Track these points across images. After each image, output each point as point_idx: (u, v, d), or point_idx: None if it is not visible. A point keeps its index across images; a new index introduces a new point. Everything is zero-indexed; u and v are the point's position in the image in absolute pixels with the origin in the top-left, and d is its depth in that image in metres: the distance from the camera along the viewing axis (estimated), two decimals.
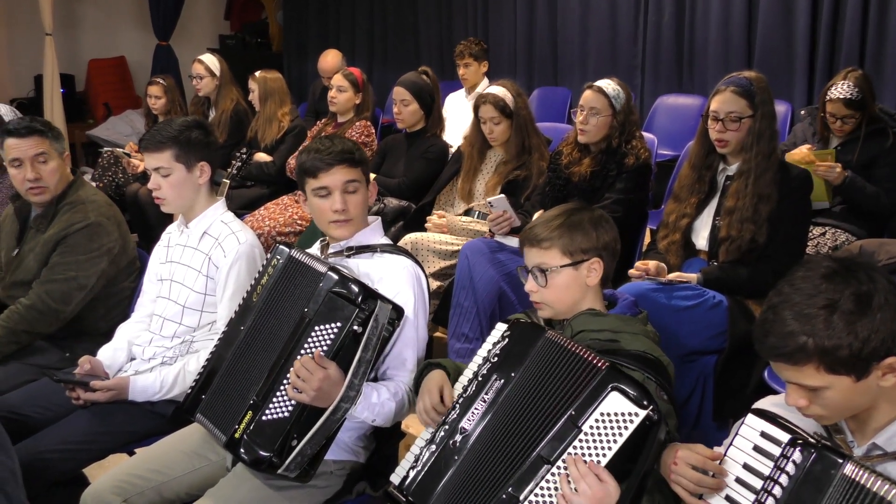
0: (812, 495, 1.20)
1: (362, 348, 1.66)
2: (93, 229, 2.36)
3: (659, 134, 4.27)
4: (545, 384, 1.51)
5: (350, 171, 1.86)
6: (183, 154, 2.13)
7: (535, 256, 1.75)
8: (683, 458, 1.34)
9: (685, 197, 2.46)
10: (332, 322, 1.68)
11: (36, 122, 2.42)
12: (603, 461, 1.38)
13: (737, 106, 2.33)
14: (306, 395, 1.63)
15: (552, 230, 1.73)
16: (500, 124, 3.15)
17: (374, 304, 1.67)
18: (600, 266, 1.75)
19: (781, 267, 2.28)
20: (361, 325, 1.66)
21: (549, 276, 1.72)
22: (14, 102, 6.51)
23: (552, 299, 1.74)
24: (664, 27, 4.86)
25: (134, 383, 2.07)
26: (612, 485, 1.35)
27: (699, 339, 2.21)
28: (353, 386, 1.65)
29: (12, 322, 2.30)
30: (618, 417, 1.39)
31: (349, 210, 1.86)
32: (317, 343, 1.68)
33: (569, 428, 1.43)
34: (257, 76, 4.43)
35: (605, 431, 1.39)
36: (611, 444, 1.38)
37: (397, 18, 6.70)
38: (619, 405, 1.40)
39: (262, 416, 1.70)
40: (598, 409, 1.41)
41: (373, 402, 1.73)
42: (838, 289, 1.21)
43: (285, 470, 1.66)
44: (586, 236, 1.74)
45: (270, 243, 3.70)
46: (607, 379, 1.43)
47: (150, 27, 7.48)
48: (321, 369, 1.63)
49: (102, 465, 2.11)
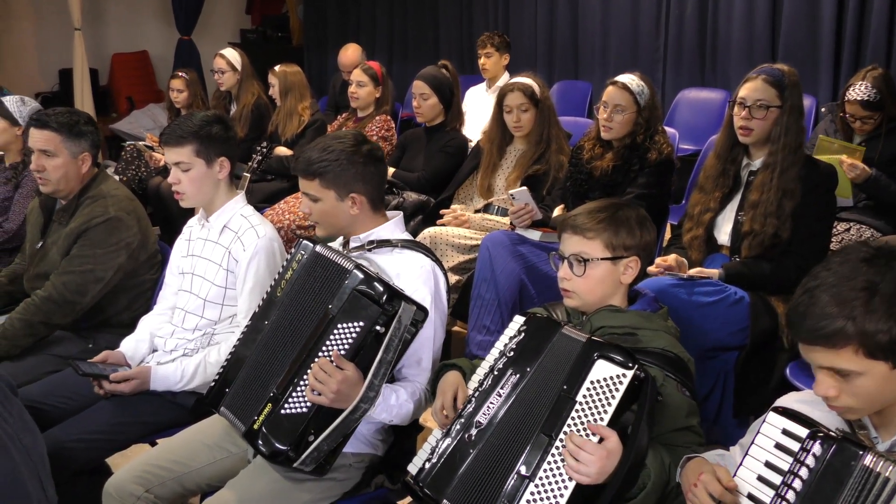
0: (833, 487, 1.19)
1: (383, 349, 1.65)
2: (112, 224, 2.38)
3: (680, 128, 4.23)
4: (557, 378, 1.52)
5: (304, 183, 1.89)
6: (203, 149, 2.14)
7: (575, 244, 1.74)
8: (704, 484, 1.33)
9: (710, 189, 2.43)
10: (355, 321, 1.67)
11: (59, 117, 2.42)
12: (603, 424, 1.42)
13: (766, 95, 2.30)
14: (325, 397, 1.63)
15: (598, 221, 1.73)
16: (527, 111, 3.13)
17: (398, 304, 1.64)
18: (637, 265, 1.75)
19: (805, 263, 2.26)
20: (384, 326, 1.64)
21: (588, 267, 1.72)
22: (39, 97, 6.61)
23: (584, 289, 1.74)
24: (686, 20, 4.81)
25: (155, 372, 2.09)
26: (615, 441, 1.39)
27: (720, 335, 2.19)
28: (373, 387, 1.65)
29: (29, 314, 2.33)
30: (607, 382, 1.45)
31: (313, 216, 1.92)
32: (338, 341, 1.67)
33: (564, 401, 1.48)
34: (277, 70, 4.45)
35: (598, 397, 1.45)
36: (606, 408, 1.43)
37: (417, 12, 6.70)
38: (606, 370, 1.46)
39: (281, 410, 1.71)
40: (588, 377, 1.47)
41: (391, 405, 1.74)
42: (879, 272, 1.19)
43: (301, 464, 1.67)
44: (631, 234, 1.73)
45: (290, 237, 3.72)
46: (590, 349, 1.49)
47: (173, 22, 7.55)
48: (339, 371, 1.62)
49: (125, 455, 2.14)
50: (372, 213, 1.93)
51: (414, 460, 1.65)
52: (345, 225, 1.92)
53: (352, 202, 1.88)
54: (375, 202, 1.93)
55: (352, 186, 1.87)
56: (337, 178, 1.86)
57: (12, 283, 2.66)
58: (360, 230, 1.93)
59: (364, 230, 1.92)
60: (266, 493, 1.75)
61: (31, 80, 6.99)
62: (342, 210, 1.89)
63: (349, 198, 1.88)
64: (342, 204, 1.88)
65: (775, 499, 1.24)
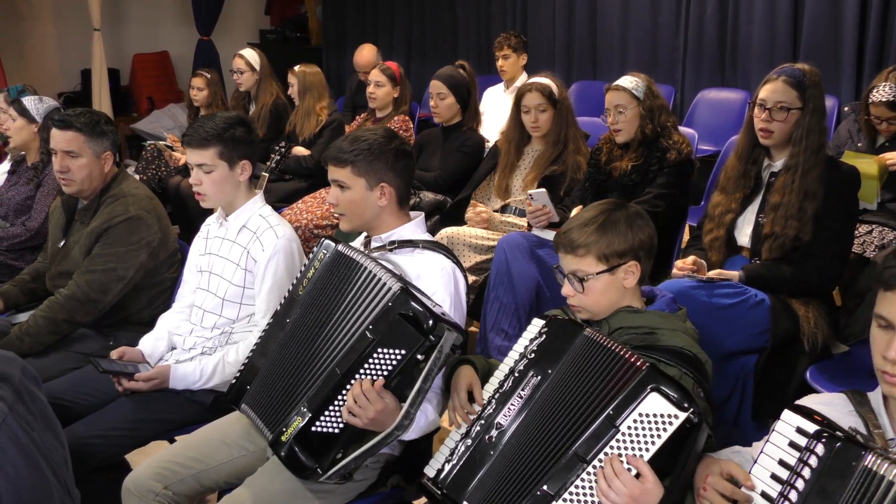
0: (835, 487, 1.18)
1: (422, 379, 1.59)
2: (133, 223, 2.40)
3: (700, 129, 4.19)
4: (583, 382, 1.50)
5: (335, 171, 1.89)
6: (227, 152, 2.15)
7: (570, 263, 1.73)
8: (712, 485, 1.32)
9: (731, 190, 2.41)
10: (397, 348, 1.60)
11: (80, 118, 2.45)
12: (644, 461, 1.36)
13: (787, 97, 2.27)
14: (360, 420, 1.60)
15: (587, 235, 1.70)
16: (545, 112, 3.13)
17: (441, 332, 1.57)
18: (637, 268, 1.73)
19: (825, 265, 2.23)
20: (425, 354, 1.58)
21: (586, 284, 1.71)
22: (62, 97, 6.69)
23: (589, 303, 1.73)
24: (706, 19, 4.77)
25: (174, 371, 2.11)
26: (652, 481, 1.33)
27: (740, 337, 2.17)
28: (409, 416, 1.62)
29: (52, 311, 2.36)
30: (657, 418, 1.37)
31: (339, 206, 1.91)
32: (378, 366, 1.62)
33: (606, 427, 1.41)
34: (296, 70, 4.47)
35: (643, 432, 1.38)
36: (649, 446, 1.36)
37: (435, 12, 6.70)
38: (658, 406, 1.38)
39: (312, 427, 1.69)
40: (637, 409, 1.39)
41: (420, 426, 1.73)
42: None
43: (327, 479, 1.67)
44: (623, 238, 1.71)
45: (308, 236, 3.74)
46: (647, 379, 1.41)
47: (193, 22, 7.61)
48: (380, 400, 1.58)
49: (144, 451, 2.16)
50: (398, 209, 1.93)
51: (431, 462, 1.65)
52: (371, 217, 1.91)
53: (381, 192, 1.88)
54: (402, 198, 1.93)
55: (382, 176, 1.87)
56: (369, 167, 1.86)
57: (35, 281, 2.70)
58: (383, 227, 1.92)
59: (387, 228, 1.92)
60: (283, 491, 1.75)
61: (53, 79, 7.07)
62: (371, 200, 1.88)
63: (379, 187, 1.87)
64: (371, 194, 1.88)
65: (778, 498, 1.24)
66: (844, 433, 1.23)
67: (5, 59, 6.23)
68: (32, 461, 1.02)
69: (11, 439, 1.00)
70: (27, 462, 1.00)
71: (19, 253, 3.11)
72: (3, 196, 3.26)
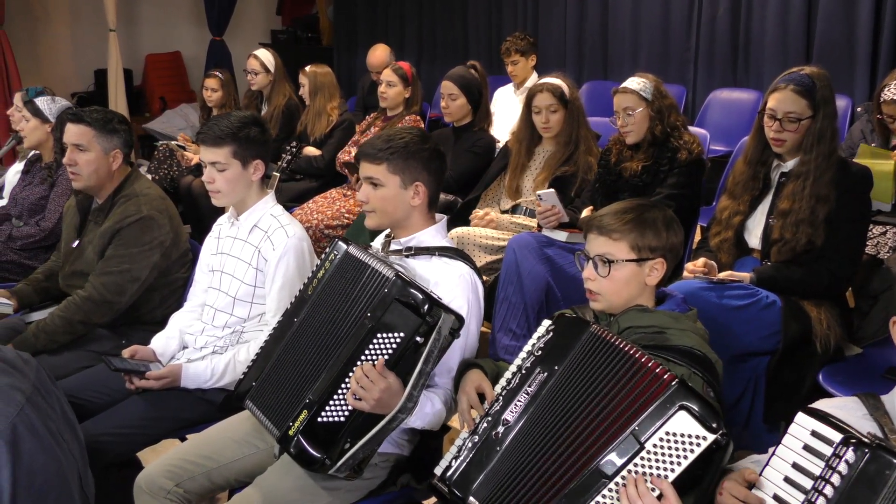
0: (866, 496, 1.17)
1: (423, 361, 1.62)
2: (145, 223, 2.42)
3: (712, 129, 4.17)
4: (589, 378, 1.50)
5: (369, 167, 1.87)
6: (241, 151, 2.16)
7: (601, 245, 1.73)
8: (728, 490, 1.31)
9: (739, 193, 2.40)
10: (396, 331, 1.64)
11: (93, 113, 2.48)
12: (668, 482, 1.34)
13: (796, 106, 2.24)
14: (366, 403, 1.62)
15: (624, 223, 1.71)
16: (556, 112, 3.12)
17: (438, 315, 1.61)
18: (663, 267, 1.73)
19: (838, 267, 2.22)
20: (424, 337, 1.62)
21: (613, 268, 1.70)
22: (75, 97, 6.74)
23: (609, 291, 1.72)
24: (719, 19, 4.74)
25: (186, 371, 2.12)
26: (675, 502, 1.31)
27: (751, 339, 2.16)
28: (412, 398, 1.64)
29: (69, 312, 2.38)
30: (684, 439, 1.35)
31: (370, 203, 1.89)
32: (379, 351, 1.65)
33: (631, 444, 1.39)
34: (308, 70, 4.49)
35: (669, 451, 1.35)
36: (674, 466, 1.34)
37: (446, 13, 6.70)
38: (686, 426, 1.35)
39: (318, 418, 1.70)
40: (664, 427, 1.37)
41: (426, 413, 1.74)
42: None
43: (336, 471, 1.68)
44: (657, 235, 1.72)
45: (318, 236, 3.75)
46: (675, 396, 1.38)
47: (205, 23, 7.64)
48: (383, 379, 1.60)
49: (155, 449, 2.17)
50: (427, 211, 1.91)
51: (441, 461, 1.65)
52: (402, 216, 1.90)
53: (415, 191, 1.86)
54: (433, 200, 1.92)
55: (417, 175, 1.86)
56: (406, 164, 1.85)
57: (48, 280, 2.72)
58: (409, 228, 1.91)
59: (412, 230, 1.91)
60: (293, 490, 1.76)
61: (67, 80, 7.13)
62: (404, 199, 1.87)
63: (413, 186, 1.86)
64: (405, 192, 1.86)
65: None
66: (875, 440, 1.21)
67: (20, 59, 6.28)
68: (48, 450, 1.03)
69: (29, 428, 1.01)
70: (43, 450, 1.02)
71: (33, 252, 3.14)
72: (17, 195, 3.29)
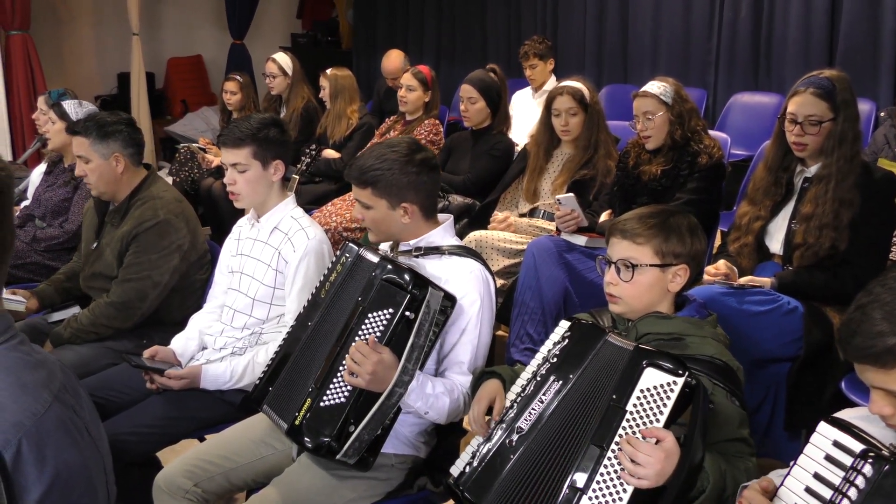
0: None
1: (415, 334, 1.69)
2: (162, 227, 2.44)
3: (733, 133, 4.14)
4: (603, 387, 1.50)
5: (357, 191, 1.90)
6: (260, 151, 2.18)
7: (624, 249, 1.72)
8: (748, 500, 1.31)
9: (760, 199, 2.37)
10: (385, 308, 1.71)
11: (87, 122, 2.48)
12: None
13: (817, 109, 2.22)
14: (361, 378, 1.66)
15: (649, 227, 1.71)
16: (576, 115, 3.11)
17: (425, 290, 1.69)
18: (686, 274, 1.72)
19: (862, 273, 2.18)
20: (413, 311, 1.68)
21: (636, 273, 1.70)
22: (98, 100, 6.82)
23: (630, 296, 1.71)
24: (740, 21, 4.71)
25: (205, 372, 2.14)
26: (670, 440, 1.36)
27: (772, 345, 2.14)
28: (407, 371, 1.69)
29: (95, 314, 2.43)
30: (658, 390, 1.42)
31: (365, 221, 1.93)
32: (370, 329, 1.73)
33: (614, 411, 1.45)
34: (329, 74, 4.51)
35: (649, 406, 1.42)
36: (658, 417, 1.40)
37: (465, 16, 6.71)
38: (656, 378, 1.43)
39: (320, 403, 1.74)
40: (637, 386, 1.44)
41: (427, 393, 1.74)
42: None
43: (344, 455, 1.69)
44: (681, 241, 1.71)
45: (337, 239, 3.76)
46: (637, 357, 1.46)
47: (226, 26, 7.71)
48: (375, 353, 1.66)
49: (175, 449, 2.19)
50: (424, 221, 1.92)
51: (456, 463, 1.65)
52: (396, 232, 1.93)
53: (403, 211, 1.88)
54: (428, 210, 1.92)
55: (404, 196, 1.86)
56: (389, 188, 1.86)
57: (70, 281, 2.75)
58: (411, 237, 1.93)
59: (414, 237, 1.93)
60: (310, 490, 1.77)
61: (90, 83, 7.22)
62: (394, 219, 1.89)
63: (401, 207, 1.87)
64: (394, 213, 1.88)
65: None
66: (894, 454, 1.19)
67: (45, 62, 6.37)
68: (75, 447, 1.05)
69: (56, 424, 1.03)
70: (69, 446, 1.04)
71: (56, 253, 3.18)
72: (40, 196, 3.33)
